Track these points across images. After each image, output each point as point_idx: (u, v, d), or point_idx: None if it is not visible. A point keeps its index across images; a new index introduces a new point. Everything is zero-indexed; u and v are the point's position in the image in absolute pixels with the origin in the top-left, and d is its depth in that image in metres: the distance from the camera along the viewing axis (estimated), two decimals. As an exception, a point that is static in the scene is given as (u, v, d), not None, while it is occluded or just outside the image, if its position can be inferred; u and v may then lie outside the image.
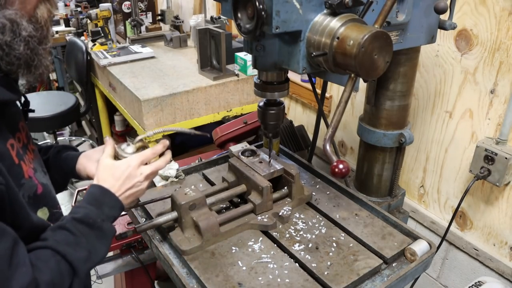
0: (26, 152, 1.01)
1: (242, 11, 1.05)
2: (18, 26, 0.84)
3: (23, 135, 1.03)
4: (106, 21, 3.17)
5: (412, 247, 1.24)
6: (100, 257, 1.00)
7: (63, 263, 0.91)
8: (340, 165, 0.98)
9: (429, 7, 1.29)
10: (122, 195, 1.08)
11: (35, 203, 0.99)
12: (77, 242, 0.95)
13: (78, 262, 0.93)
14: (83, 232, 0.96)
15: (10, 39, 0.84)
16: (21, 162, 0.95)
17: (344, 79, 1.18)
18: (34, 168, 1.03)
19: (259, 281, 1.14)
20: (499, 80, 1.57)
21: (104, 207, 1.03)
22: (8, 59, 0.85)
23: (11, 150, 0.92)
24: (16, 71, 0.89)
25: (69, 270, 0.91)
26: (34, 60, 0.90)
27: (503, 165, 1.54)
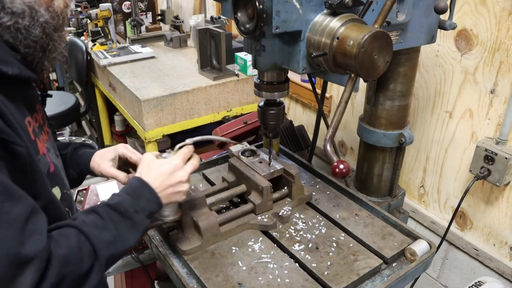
0: (41, 132, 1.05)
1: (242, 11, 1.05)
2: (36, 12, 0.92)
3: (40, 116, 1.07)
4: (106, 21, 3.17)
5: (412, 247, 1.24)
6: (126, 246, 0.99)
7: (86, 244, 0.91)
8: (340, 165, 0.98)
9: (429, 7, 1.29)
10: (163, 191, 1.08)
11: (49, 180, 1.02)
12: (105, 226, 0.96)
13: (100, 244, 0.93)
14: (112, 218, 0.98)
15: (28, 24, 0.91)
16: (36, 139, 0.99)
17: (344, 79, 1.19)
18: (48, 148, 1.06)
19: (259, 281, 1.14)
20: (499, 80, 1.57)
21: (140, 198, 1.04)
22: (26, 42, 0.93)
23: (28, 127, 0.97)
24: (33, 54, 0.95)
25: (91, 252, 0.92)
26: (49, 44, 0.97)
27: (503, 165, 1.54)
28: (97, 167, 1.27)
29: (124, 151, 1.29)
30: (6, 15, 0.89)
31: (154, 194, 1.06)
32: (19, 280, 0.80)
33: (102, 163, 1.26)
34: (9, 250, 0.79)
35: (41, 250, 0.83)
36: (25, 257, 0.80)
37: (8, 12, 0.89)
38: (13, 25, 0.90)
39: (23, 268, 0.80)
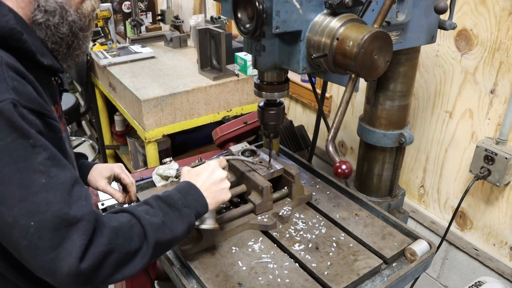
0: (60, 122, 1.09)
1: (242, 11, 1.05)
2: (66, 12, 1.00)
3: (59, 107, 1.14)
4: (106, 21, 3.17)
5: (412, 247, 1.24)
6: (173, 234, 1.01)
7: (137, 225, 0.94)
8: (343, 166, 0.98)
9: (429, 7, 1.29)
10: (207, 190, 1.12)
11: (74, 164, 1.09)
12: (155, 213, 0.99)
13: (149, 226, 0.95)
14: (162, 207, 1.01)
15: (58, 22, 0.99)
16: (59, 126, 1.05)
17: (344, 79, 1.19)
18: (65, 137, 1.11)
19: (259, 281, 1.14)
20: (499, 80, 1.57)
21: (189, 196, 1.08)
22: (54, 38, 1.00)
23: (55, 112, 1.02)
24: (58, 50, 1.03)
25: (141, 233, 0.94)
26: (74, 42, 1.05)
27: (503, 165, 1.54)
28: (94, 182, 1.34)
29: (119, 172, 1.37)
30: (40, 12, 0.97)
31: (201, 195, 1.10)
32: (68, 241, 0.82)
33: (99, 180, 1.34)
34: (57, 211, 0.82)
35: (87, 214, 0.86)
36: (73, 218, 0.83)
37: (41, 10, 0.97)
38: (44, 22, 0.97)
39: (71, 229, 0.83)
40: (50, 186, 0.83)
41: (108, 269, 0.88)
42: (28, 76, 0.88)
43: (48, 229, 0.81)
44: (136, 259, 0.94)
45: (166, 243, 1.00)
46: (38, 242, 0.81)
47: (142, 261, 0.95)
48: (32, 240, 0.80)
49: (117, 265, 0.90)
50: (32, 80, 0.89)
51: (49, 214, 0.81)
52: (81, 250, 0.82)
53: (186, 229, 1.04)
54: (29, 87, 0.87)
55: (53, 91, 1.08)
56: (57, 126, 0.94)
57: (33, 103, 0.86)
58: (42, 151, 0.84)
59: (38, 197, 0.82)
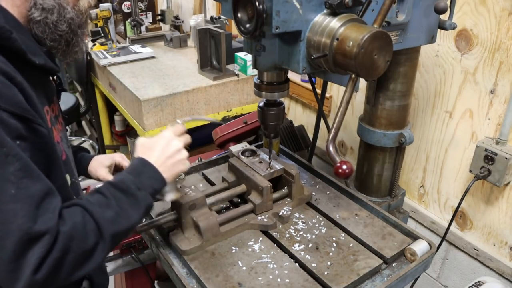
0: (56, 122, 1.12)
1: (242, 11, 1.05)
2: (64, 10, 1.01)
3: (56, 107, 1.14)
4: (106, 21, 3.17)
5: (412, 247, 1.24)
6: (130, 223, 1.00)
7: (90, 221, 0.93)
8: (343, 166, 0.98)
9: (429, 7, 1.29)
10: (163, 165, 1.09)
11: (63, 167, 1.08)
12: (107, 204, 0.98)
13: (103, 220, 0.94)
14: (115, 195, 0.99)
15: (56, 19, 1.00)
16: (53, 127, 1.06)
17: (344, 79, 1.19)
18: (61, 137, 1.13)
19: (259, 281, 1.14)
20: (499, 80, 1.57)
21: (142, 176, 1.05)
22: (53, 36, 1.01)
23: (47, 115, 1.03)
24: (57, 47, 1.04)
25: (95, 229, 0.93)
26: (73, 39, 1.06)
27: (503, 165, 1.54)
28: (94, 172, 1.35)
29: (120, 160, 1.40)
30: (37, 10, 0.98)
31: (156, 171, 1.07)
32: (28, 254, 0.82)
33: (100, 169, 1.35)
34: (22, 224, 0.82)
35: (52, 228, 0.85)
36: (36, 233, 0.83)
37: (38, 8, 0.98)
38: (43, 20, 0.98)
39: (33, 244, 0.83)
40: (18, 198, 0.83)
41: (66, 271, 0.88)
42: (15, 78, 0.88)
43: (11, 240, 0.81)
44: (94, 255, 0.93)
45: (123, 232, 1.00)
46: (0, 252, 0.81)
47: (101, 256, 0.95)
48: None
49: (74, 265, 0.89)
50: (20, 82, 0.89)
51: (14, 226, 0.81)
52: (37, 262, 0.82)
53: (143, 212, 1.03)
54: (14, 89, 0.87)
55: (49, 91, 1.09)
56: (42, 132, 0.92)
57: (15, 107, 0.86)
58: (15, 161, 0.83)
59: (6, 208, 0.82)
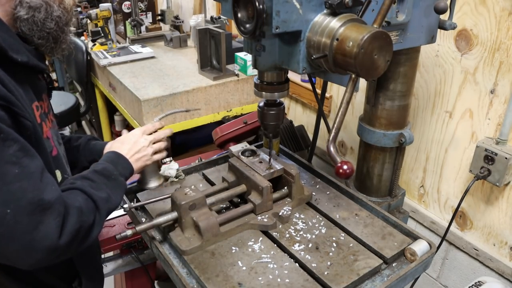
0: (46, 119, 1.15)
1: (242, 11, 1.05)
2: (51, 8, 1.04)
3: (45, 105, 1.16)
4: (106, 21, 3.17)
5: (412, 247, 1.24)
6: (116, 204, 1.15)
7: (89, 201, 1.06)
8: (344, 166, 0.98)
9: (429, 7, 1.29)
10: (132, 157, 1.29)
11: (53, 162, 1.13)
12: (98, 187, 1.11)
13: (100, 200, 1.08)
14: (102, 181, 1.13)
15: (44, 17, 1.03)
16: (42, 122, 1.09)
17: (344, 79, 1.19)
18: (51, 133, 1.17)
19: (259, 281, 1.14)
20: (499, 80, 1.57)
21: (118, 165, 1.23)
22: (41, 33, 1.04)
23: (36, 111, 1.07)
24: (45, 45, 1.07)
25: (94, 207, 1.06)
26: (60, 36, 1.09)
27: (503, 165, 1.54)
28: None
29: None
30: (23, 9, 1.00)
31: (127, 162, 1.27)
32: (44, 223, 0.91)
33: None
34: (32, 197, 0.90)
35: (58, 197, 0.96)
36: (47, 202, 0.92)
37: (25, 6, 1.00)
38: (30, 18, 1.01)
39: (46, 212, 0.92)
40: (23, 176, 0.90)
41: (78, 241, 1.00)
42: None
43: (25, 214, 0.89)
44: (94, 229, 1.05)
45: (111, 209, 1.14)
46: (14, 227, 0.87)
47: (98, 230, 1.07)
48: (8, 225, 0.87)
49: (83, 237, 1.01)
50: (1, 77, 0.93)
51: (24, 201, 0.89)
52: (58, 230, 0.93)
53: (123, 194, 1.22)
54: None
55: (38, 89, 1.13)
56: (26, 125, 0.97)
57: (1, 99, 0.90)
58: (13, 144, 0.90)
59: (13, 187, 0.89)
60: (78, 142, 1.47)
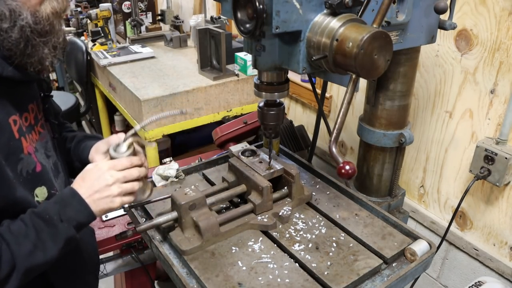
0: (30, 132, 1.07)
1: (242, 11, 1.05)
2: (17, 15, 0.93)
3: (31, 116, 1.08)
4: (106, 21, 3.17)
5: (412, 247, 1.24)
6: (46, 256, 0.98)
7: (6, 251, 0.92)
8: (346, 166, 0.98)
9: (429, 7, 1.29)
10: (90, 198, 1.04)
11: (34, 180, 1.04)
12: (27, 233, 0.95)
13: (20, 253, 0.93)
14: (36, 225, 0.97)
15: (7, 26, 0.93)
16: (21, 137, 1.01)
17: (345, 79, 1.18)
18: (36, 148, 1.08)
19: (259, 281, 1.14)
20: (499, 80, 1.57)
21: (68, 208, 1.01)
22: (5, 44, 0.95)
23: (13, 125, 0.99)
24: (13, 56, 0.97)
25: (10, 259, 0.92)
26: (27, 48, 0.97)
27: (503, 165, 1.54)
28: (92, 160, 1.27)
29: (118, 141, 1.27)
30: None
31: (83, 204, 1.02)
32: None
33: (95, 157, 1.27)
34: None
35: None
36: None
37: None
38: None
39: None
40: None
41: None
42: None
43: None
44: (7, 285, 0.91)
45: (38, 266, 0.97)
46: None
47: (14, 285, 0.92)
48: None
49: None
50: None
51: None
52: None
53: (62, 245, 1.00)
54: None
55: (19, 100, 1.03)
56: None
57: None
58: None
59: None
60: (70, 144, 1.36)
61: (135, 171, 1.10)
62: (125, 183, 1.08)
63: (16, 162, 1.00)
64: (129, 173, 1.08)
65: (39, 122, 1.13)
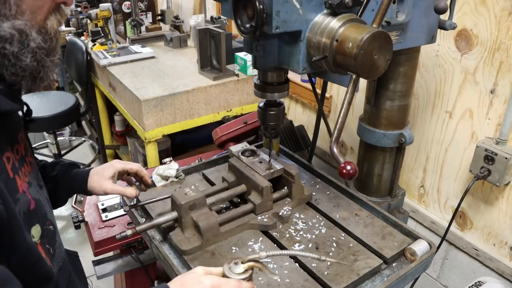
0: (23, 165, 0.97)
1: (242, 11, 1.05)
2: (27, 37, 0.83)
3: (22, 147, 0.99)
4: (106, 21, 3.17)
5: (412, 247, 1.24)
6: None
7: None
8: (347, 166, 0.98)
9: (429, 7, 1.29)
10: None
11: (29, 219, 0.94)
12: None
13: None
14: None
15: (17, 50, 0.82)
16: (15, 176, 0.92)
17: (345, 79, 1.19)
18: (29, 182, 0.98)
19: (259, 281, 1.14)
20: (499, 80, 1.57)
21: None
22: (14, 69, 0.84)
23: (7, 164, 0.89)
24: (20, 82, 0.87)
25: None
26: (40, 72, 0.88)
27: (503, 165, 1.54)
28: (98, 187, 1.26)
29: (123, 166, 1.30)
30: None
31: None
32: None
33: (103, 183, 1.26)
34: None
35: None
36: None
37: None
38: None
39: None
40: None
41: None
42: None
43: None
44: None
45: None
46: None
47: None
48: None
49: None
50: None
51: None
52: None
53: None
54: None
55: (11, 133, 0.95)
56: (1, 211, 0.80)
57: None
58: None
59: None
60: (54, 172, 1.25)
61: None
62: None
63: (15, 204, 0.89)
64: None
65: (28, 150, 1.03)
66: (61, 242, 1.10)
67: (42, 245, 0.97)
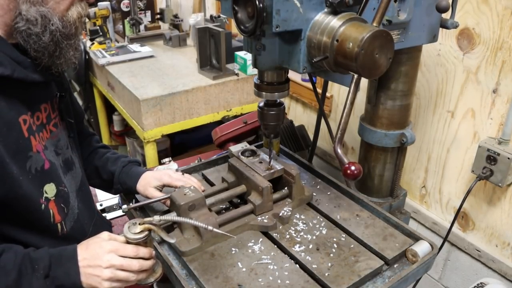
0: (41, 130, 1.14)
1: (242, 9, 1.04)
2: (49, 21, 1.02)
3: (44, 115, 1.16)
4: (105, 20, 3.16)
5: (414, 248, 1.23)
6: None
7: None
8: (352, 167, 0.97)
9: (430, 6, 1.28)
10: (83, 268, 1.03)
11: (43, 177, 1.11)
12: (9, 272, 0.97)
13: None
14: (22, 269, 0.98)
15: (39, 31, 1.01)
16: (31, 136, 1.08)
17: (346, 79, 1.17)
18: (45, 145, 1.14)
19: (259, 282, 1.13)
20: (502, 79, 1.56)
21: (60, 268, 1.02)
22: (36, 46, 1.03)
23: (22, 124, 1.05)
24: (40, 58, 1.05)
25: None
26: (56, 51, 1.06)
27: (505, 165, 1.53)
28: (143, 190, 1.40)
29: (169, 182, 1.38)
30: (22, 20, 1.00)
31: (75, 270, 1.02)
32: None
33: (147, 189, 1.38)
34: None
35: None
36: None
37: (23, 18, 1.00)
38: (26, 30, 1.01)
39: None
40: None
41: None
42: None
43: None
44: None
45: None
46: None
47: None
48: None
49: None
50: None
51: None
52: None
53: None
54: None
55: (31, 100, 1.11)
56: None
57: None
58: None
59: None
60: (114, 167, 1.45)
61: (135, 264, 1.05)
62: (120, 271, 1.04)
63: (25, 160, 1.06)
64: (128, 263, 1.04)
65: (52, 121, 1.20)
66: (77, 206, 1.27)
67: (56, 203, 1.16)
